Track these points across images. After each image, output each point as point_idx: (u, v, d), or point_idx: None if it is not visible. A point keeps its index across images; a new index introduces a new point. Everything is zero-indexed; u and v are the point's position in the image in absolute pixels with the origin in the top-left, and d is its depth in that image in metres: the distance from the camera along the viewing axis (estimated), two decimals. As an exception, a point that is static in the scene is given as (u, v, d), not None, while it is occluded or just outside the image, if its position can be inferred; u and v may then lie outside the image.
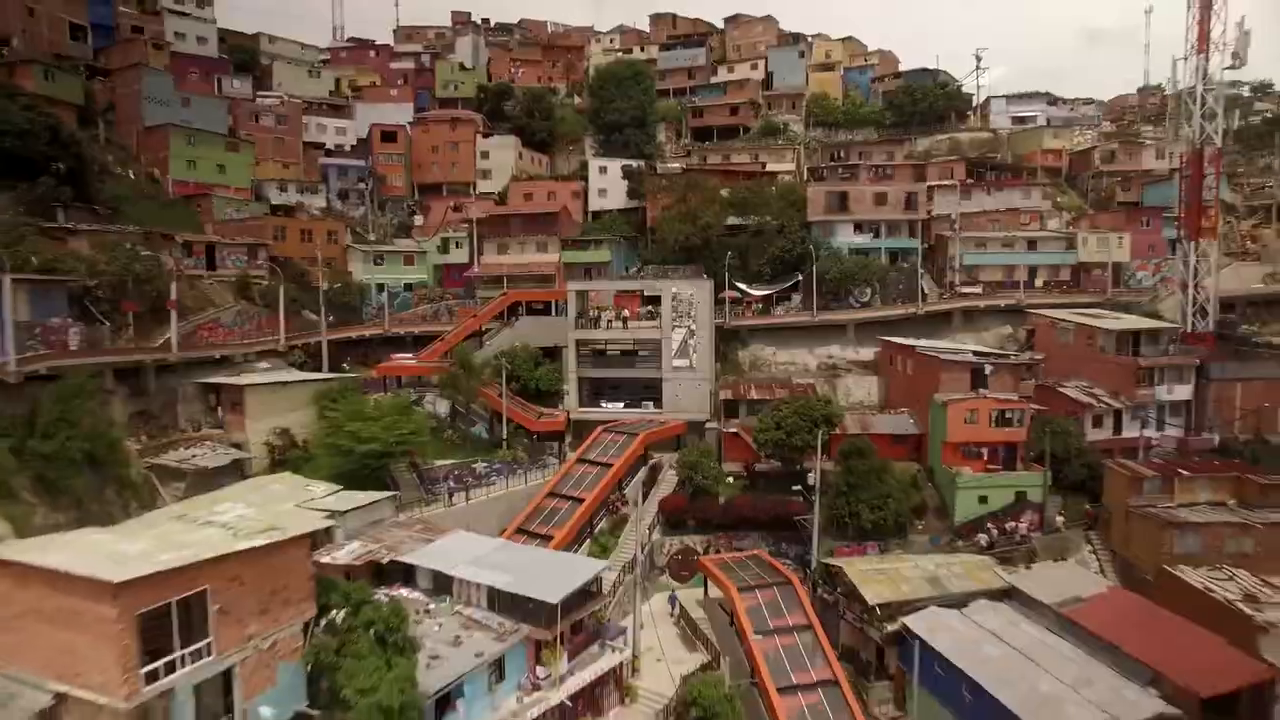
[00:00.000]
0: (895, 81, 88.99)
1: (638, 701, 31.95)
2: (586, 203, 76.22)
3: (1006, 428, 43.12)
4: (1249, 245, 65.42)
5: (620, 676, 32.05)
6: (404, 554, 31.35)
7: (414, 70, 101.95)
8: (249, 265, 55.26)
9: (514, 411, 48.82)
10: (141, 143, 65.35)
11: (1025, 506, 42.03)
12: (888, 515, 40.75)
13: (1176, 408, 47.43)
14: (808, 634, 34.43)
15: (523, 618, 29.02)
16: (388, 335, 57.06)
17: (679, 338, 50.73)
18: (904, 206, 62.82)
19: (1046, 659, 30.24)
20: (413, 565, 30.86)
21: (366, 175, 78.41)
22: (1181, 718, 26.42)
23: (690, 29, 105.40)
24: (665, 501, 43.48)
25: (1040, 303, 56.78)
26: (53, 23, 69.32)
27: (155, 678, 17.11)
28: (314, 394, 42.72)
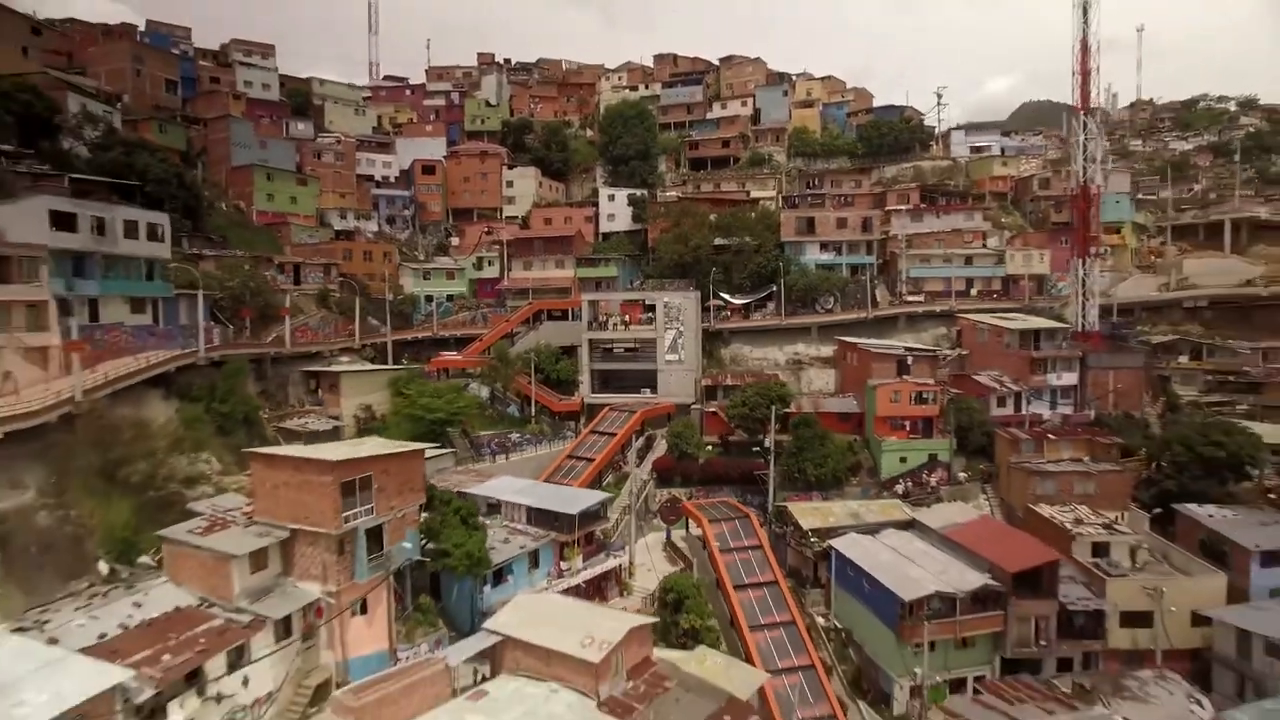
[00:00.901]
0: (867, 116, 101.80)
1: (632, 594, 44.49)
2: (597, 225, 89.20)
3: (923, 405, 55.45)
4: (1152, 260, 77.30)
5: (619, 576, 44.69)
6: (466, 487, 44.16)
7: (445, 106, 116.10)
8: (325, 280, 68.62)
9: (540, 396, 61.73)
10: (229, 180, 78.94)
11: (936, 465, 54.35)
12: (828, 471, 53.15)
13: (1067, 391, 59.56)
14: (758, 552, 46.83)
15: (550, 527, 41.73)
16: (436, 337, 70.09)
17: (670, 338, 63.47)
18: (861, 229, 75.42)
19: (922, 559, 42.48)
20: (472, 494, 43.63)
21: (410, 203, 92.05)
22: (998, 587, 38.68)
23: (690, 67, 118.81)
24: (658, 462, 56.17)
25: (968, 308, 69.02)
26: (153, 80, 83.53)
27: (347, 521, 29.90)
28: (388, 380, 55.65)
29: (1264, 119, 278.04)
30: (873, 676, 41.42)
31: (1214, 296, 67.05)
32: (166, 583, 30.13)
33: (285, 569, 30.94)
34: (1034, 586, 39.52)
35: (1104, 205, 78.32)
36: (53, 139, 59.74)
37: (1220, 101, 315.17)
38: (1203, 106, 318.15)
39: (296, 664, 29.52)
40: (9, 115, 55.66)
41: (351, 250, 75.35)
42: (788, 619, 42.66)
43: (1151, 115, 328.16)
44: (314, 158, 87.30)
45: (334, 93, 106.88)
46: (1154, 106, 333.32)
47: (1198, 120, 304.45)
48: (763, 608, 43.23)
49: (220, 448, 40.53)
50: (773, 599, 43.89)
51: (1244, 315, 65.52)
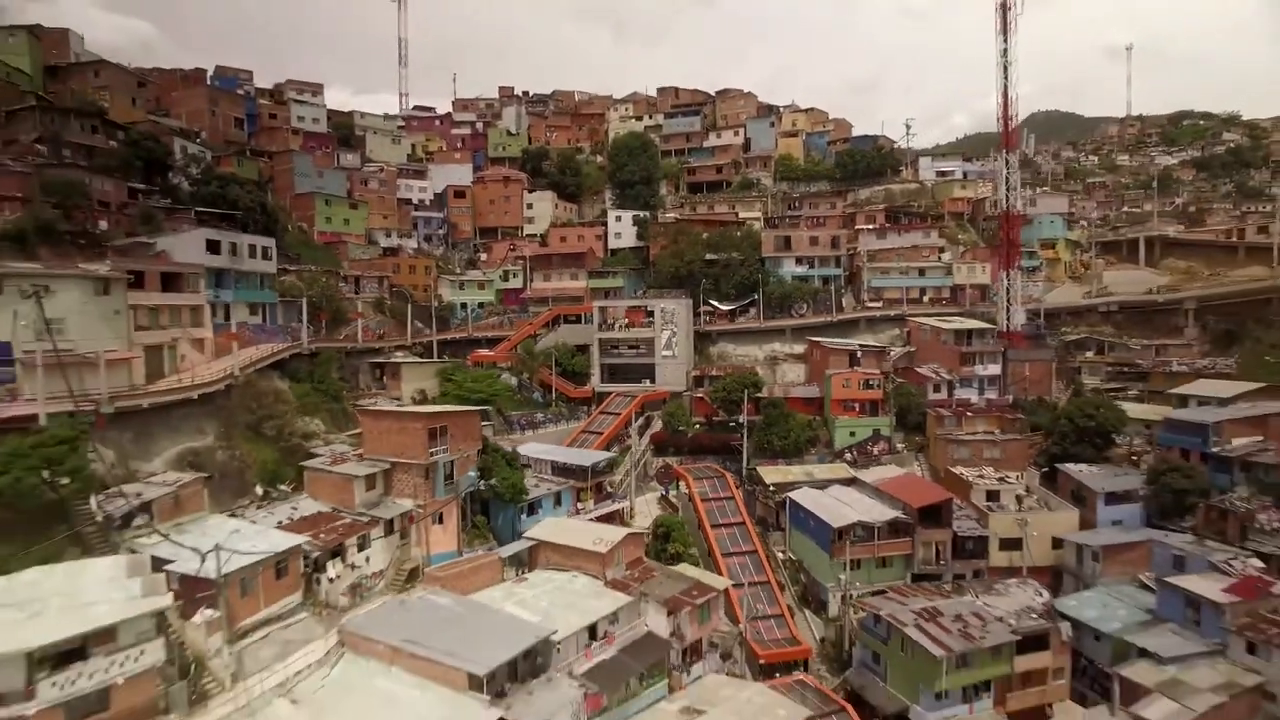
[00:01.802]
0: (845, 145, 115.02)
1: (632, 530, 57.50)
2: (606, 242, 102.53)
3: (869, 390, 68.38)
4: (1081, 271, 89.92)
5: (622, 517, 57.75)
6: (503, 447, 57.37)
7: (470, 135, 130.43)
8: (380, 290, 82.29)
9: (559, 384, 75.02)
10: (293, 204, 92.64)
11: (879, 438, 67.22)
12: (791, 443, 66.09)
13: (992, 379, 72.25)
14: (731, 502, 59.89)
15: (569, 478, 54.88)
16: (470, 337, 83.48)
17: (666, 337, 76.68)
18: (831, 246, 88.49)
19: (855, 503, 55.27)
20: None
21: (443, 223, 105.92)
22: (908, 520, 51.50)
23: (690, 99, 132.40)
24: (654, 436, 69.32)
25: (919, 313, 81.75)
26: (225, 118, 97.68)
27: (431, 456, 43.25)
28: (436, 370, 68.95)
29: (1245, 135, 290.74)
30: (815, 591, 54.23)
31: (1122, 302, 79.63)
32: (307, 498, 43.60)
33: (387, 490, 44.38)
34: (935, 519, 52.38)
35: (1041, 224, 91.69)
36: (165, 176, 73.94)
37: (1205, 119, 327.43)
38: (1188, 123, 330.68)
39: (396, 553, 42.83)
40: (139, 159, 69.85)
41: (399, 264, 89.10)
42: (751, 549, 55.77)
43: (1140, 131, 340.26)
44: (362, 184, 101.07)
45: (373, 124, 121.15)
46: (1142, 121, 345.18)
47: (1183, 136, 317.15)
48: (733, 541, 56.37)
49: (324, 415, 54.06)
50: (740, 535, 57.04)
51: (1146, 318, 78.10)
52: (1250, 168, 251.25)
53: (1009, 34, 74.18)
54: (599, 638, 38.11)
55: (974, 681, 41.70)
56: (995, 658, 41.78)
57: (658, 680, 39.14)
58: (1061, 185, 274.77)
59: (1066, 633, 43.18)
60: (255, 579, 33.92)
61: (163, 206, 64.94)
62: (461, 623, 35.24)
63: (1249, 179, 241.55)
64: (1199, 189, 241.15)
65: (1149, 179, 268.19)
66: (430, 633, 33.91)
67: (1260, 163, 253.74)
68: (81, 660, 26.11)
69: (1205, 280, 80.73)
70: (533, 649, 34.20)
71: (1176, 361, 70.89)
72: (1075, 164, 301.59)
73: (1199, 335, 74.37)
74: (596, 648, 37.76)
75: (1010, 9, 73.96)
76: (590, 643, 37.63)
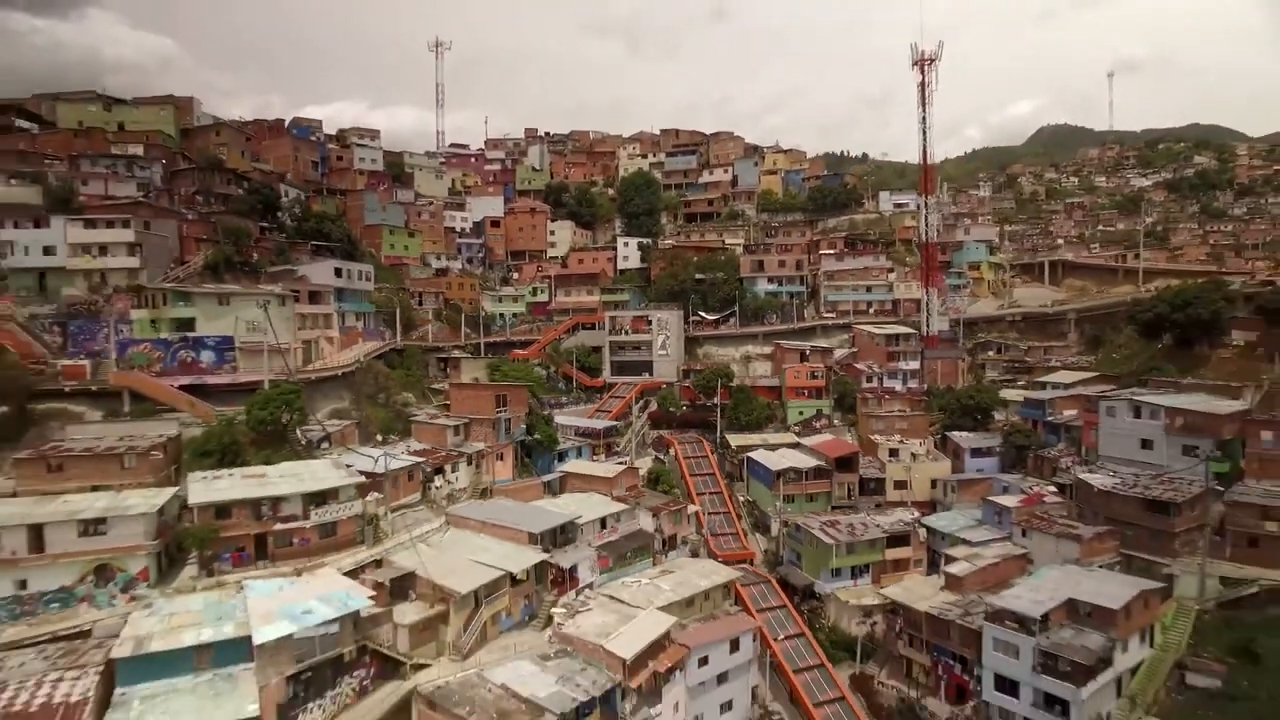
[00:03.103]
0: (817, 181, 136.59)
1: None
2: (616, 264, 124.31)
3: (814, 380, 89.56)
4: (1000, 288, 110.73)
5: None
6: (540, 418, 79.11)
7: (500, 170, 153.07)
8: (436, 303, 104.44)
9: (579, 376, 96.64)
10: (364, 233, 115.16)
11: (821, 416, 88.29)
12: (754, 419, 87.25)
13: (913, 373, 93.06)
14: (706, 460, 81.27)
15: (588, 438, 76.44)
16: (508, 340, 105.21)
17: (661, 340, 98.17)
18: (796, 268, 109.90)
19: (793, 457, 76.29)
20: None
21: (481, 248, 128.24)
22: (828, 467, 72.52)
23: (688, 139, 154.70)
24: (651, 415, 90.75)
25: (862, 321, 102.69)
26: (304, 161, 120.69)
27: (497, 413, 64.89)
28: (485, 364, 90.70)
29: (1214, 158, 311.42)
30: (762, 519, 75.27)
31: (1025, 313, 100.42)
32: (414, 441, 65.38)
33: (466, 436, 66.06)
34: (847, 467, 73.44)
35: (969, 249, 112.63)
36: (275, 215, 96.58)
37: (1178, 141, 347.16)
38: (1163, 146, 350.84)
39: (474, 477, 64.40)
40: (259, 203, 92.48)
41: (449, 282, 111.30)
42: (718, 491, 77.17)
43: (1119, 153, 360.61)
44: (416, 216, 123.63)
45: (420, 163, 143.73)
46: (1120, 147, 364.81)
47: (1158, 159, 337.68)
48: (705, 485, 77.75)
49: (413, 391, 76.03)
50: (711, 482, 78.42)
51: (1041, 325, 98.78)
52: (1216, 189, 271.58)
53: (926, 105, 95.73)
54: (606, 528, 59.43)
55: (858, 564, 62.68)
56: (872, 548, 62.78)
57: (645, 557, 60.37)
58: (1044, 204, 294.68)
59: (923, 535, 64.13)
60: (399, 479, 55.61)
61: (286, 240, 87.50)
62: (520, 511, 56.89)
63: (1214, 200, 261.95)
64: (1168, 209, 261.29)
65: (1124, 199, 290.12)
66: (501, 516, 55.57)
67: (1225, 185, 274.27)
68: (324, 504, 47.88)
69: (1090, 296, 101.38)
70: (565, 525, 55.68)
71: (1055, 359, 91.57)
72: (1056, 185, 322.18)
73: (1077, 339, 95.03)
74: (605, 533, 59.07)
75: (928, 87, 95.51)
76: (601, 529, 58.96)
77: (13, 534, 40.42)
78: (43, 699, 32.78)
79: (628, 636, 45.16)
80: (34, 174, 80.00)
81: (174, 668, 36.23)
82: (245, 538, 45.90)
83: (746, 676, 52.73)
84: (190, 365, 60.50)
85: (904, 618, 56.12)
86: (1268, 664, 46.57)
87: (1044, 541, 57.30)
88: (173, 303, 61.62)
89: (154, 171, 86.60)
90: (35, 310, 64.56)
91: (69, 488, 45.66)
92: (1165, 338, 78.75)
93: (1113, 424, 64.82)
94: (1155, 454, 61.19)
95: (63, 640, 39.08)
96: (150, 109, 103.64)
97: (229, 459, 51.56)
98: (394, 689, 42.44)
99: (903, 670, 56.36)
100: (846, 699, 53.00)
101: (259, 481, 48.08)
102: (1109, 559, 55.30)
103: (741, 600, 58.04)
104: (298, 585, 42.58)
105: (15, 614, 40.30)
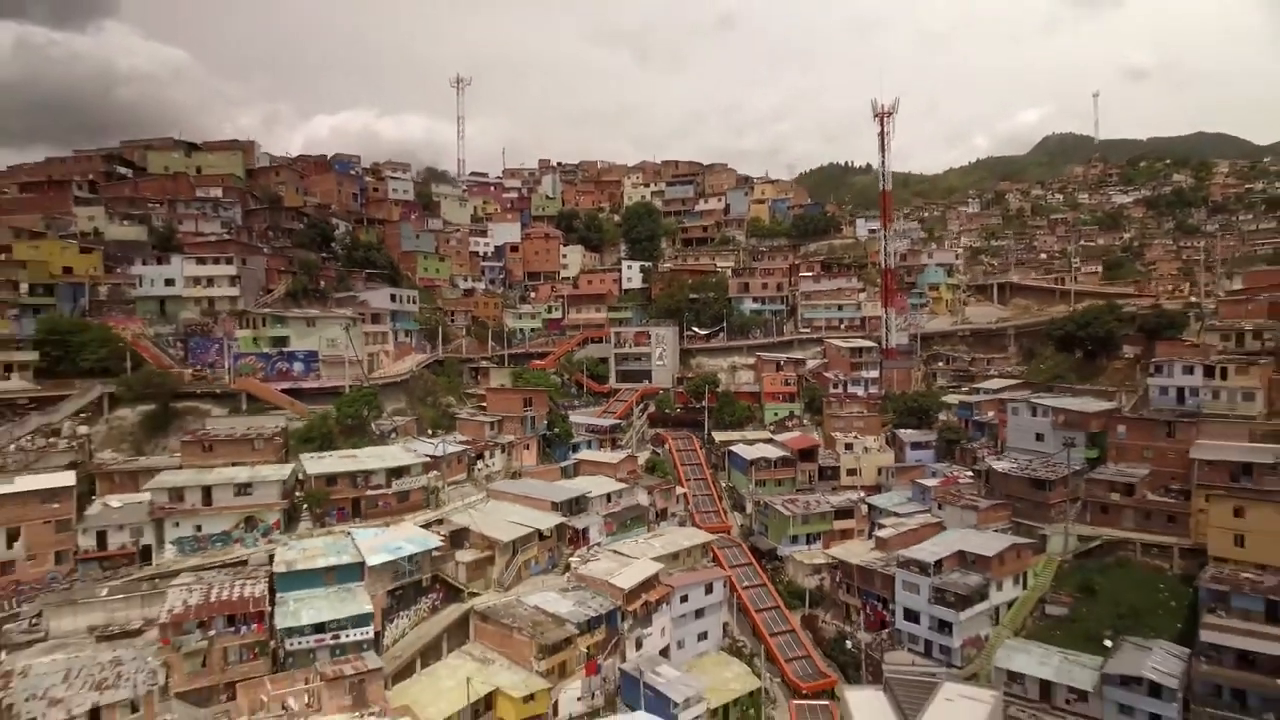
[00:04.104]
0: (801, 209, 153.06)
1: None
2: (620, 284, 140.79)
3: (787, 385, 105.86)
4: (957, 306, 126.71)
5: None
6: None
7: (517, 198, 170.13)
8: (466, 319, 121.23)
9: (589, 383, 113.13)
10: (401, 259, 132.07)
11: (793, 416, 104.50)
12: (736, 419, 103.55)
13: (873, 380, 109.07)
14: (694, 453, 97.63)
15: (597, 433, 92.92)
16: (527, 352, 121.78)
17: (659, 352, 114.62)
18: (776, 289, 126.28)
19: (765, 451, 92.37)
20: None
21: (502, 270, 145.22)
22: (792, 457, 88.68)
23: (687, 170, 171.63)
24: (649, 416, 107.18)
25: (833, 336, 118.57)
26: (346, 194, 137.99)
27: (524, 411, 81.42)
28: (510, 372, 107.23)
29: (1191, 176, 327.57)
30: (739, 500, 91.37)
31: (973, 329, 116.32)
32: (458, 434, 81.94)
33: (499, 430, 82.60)
34: (809, 457, 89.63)
35: (929, 272, 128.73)
36: (329, 246, 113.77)
37: (1159, 160, 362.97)
38: (1144, 164, 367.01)
39: (506, 462, 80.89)
40: (317, 235, 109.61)
41: (476, 302, 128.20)
42: (703, 478, 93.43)
43: (1102, 171, 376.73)
44: (445, 242, 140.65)
45: (445, 192, 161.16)
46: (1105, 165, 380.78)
47: (1139, 176, 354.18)
48: (693, 472, 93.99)
49: (453, 394, 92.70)
50: (698, 471, 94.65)
51: (987, 340, 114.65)
52: (1191, 207, 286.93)
53: (885, 152, 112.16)
54: (611, 501, 75.70)
55: (811, 532, 78.76)
56: (822, 520, 78.90)
57: (641, 525, 76.57)
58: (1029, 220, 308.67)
59: (865, 510, 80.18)
60: (451, 462, 72.16)
61: (343, 269, 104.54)
62: (543, 487, 73.36)
63: (1189, 217, 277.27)
64: (1145, 225, 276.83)
65: (1104, 216, 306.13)
66: (530, 490, 72.06)
67: (1200, 202, 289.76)
68: (400, 477, 64.52)
69: (1030, 314, 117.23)
70: (579, 498, 72.04)
71: (994, 369, 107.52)
72: (1043, 201, 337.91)
73: (1016, 351, 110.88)
74: (610, 505, 75.31)
75: (887, 136, 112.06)
76: (607, 502, 75.21)
77: (192, 493, 57.26)
78: (236, 594, 49.44)
79: (626, 574, 61.47)
80: (140, 215, 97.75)
81: (311, 582, 52.79)
82: (345, 500, 62.59)
83: (719, 614, 68.80)
84: (285, 374, 77.33)
85: (843, 571, 72.07)
86: (1101, 597, 62.48)
87: (953, 512, 73.31)
88: (270, 324, 78.52)
89: (234, 212, 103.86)
90: (159, 330, 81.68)
91: (217, 462, 62.46)
92: (1077, 351, 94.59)
93: (1017, 421, 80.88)
94: (1045, 445, 77.09)
95: (227, 568, 55.74)
96: (222, 154, 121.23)
97: (325, 444, 68.31)
98: (456, 608, 58.88)
99: (842, 613, 72.25)
100: (796, 632, 69.02)
101: (353, 460, 64.84)
102: (1002, 525, 71.25)
103: (717, 559, 74.21)
104: (388, 531, 59.21)
105: (194, 548, 57.06)
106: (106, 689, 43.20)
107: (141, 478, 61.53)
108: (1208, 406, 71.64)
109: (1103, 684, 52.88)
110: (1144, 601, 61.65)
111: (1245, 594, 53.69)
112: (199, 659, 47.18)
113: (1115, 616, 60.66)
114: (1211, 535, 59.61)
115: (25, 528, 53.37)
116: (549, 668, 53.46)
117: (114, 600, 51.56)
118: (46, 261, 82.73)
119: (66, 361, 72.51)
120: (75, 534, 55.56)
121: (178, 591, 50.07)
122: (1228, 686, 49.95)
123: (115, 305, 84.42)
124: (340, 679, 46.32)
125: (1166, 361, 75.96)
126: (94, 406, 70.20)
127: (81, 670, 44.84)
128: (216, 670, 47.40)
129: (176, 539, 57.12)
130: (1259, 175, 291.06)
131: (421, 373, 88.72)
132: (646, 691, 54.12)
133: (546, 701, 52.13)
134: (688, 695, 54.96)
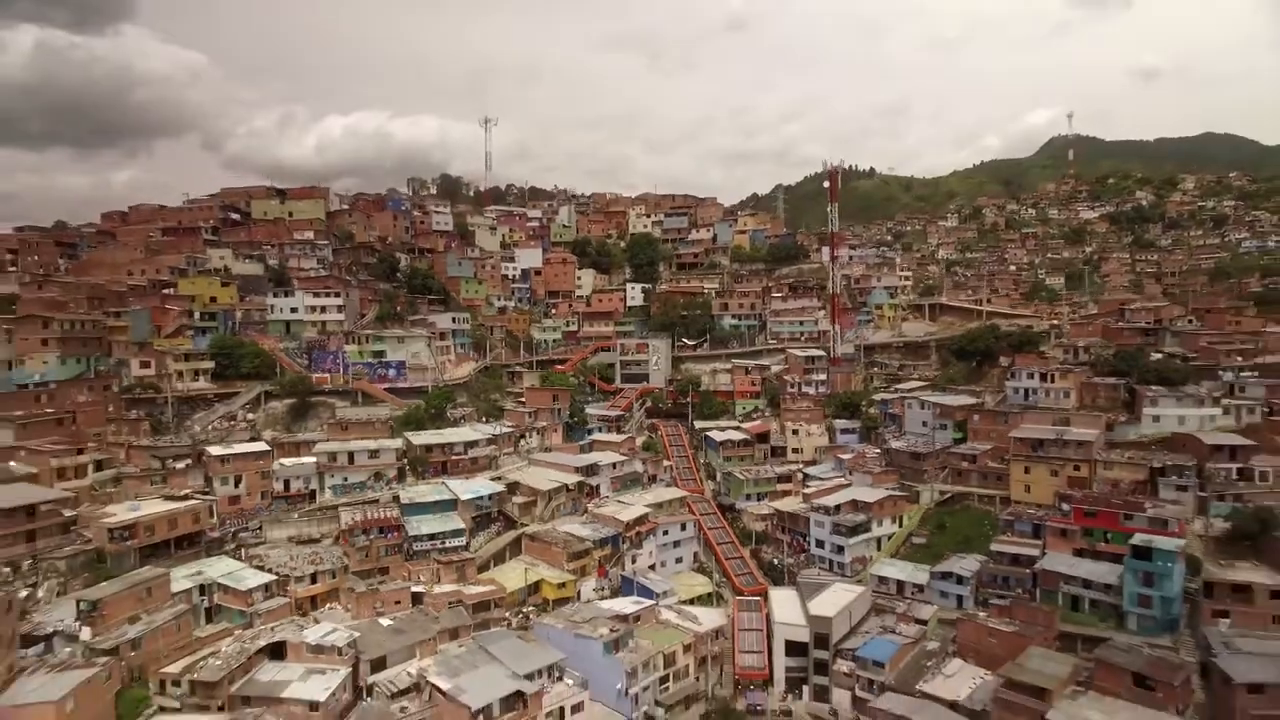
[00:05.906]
0: (776, 238, 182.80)
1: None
2: (625, 302, 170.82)
3: (753, 385, 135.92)
4: (897, 322, 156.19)
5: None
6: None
7: (538, 226, 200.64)
8: (501, 334, 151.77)
9: (600, 383, 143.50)
10: (446, 282, 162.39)
11: (758, 410, 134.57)
12: (713, 413, 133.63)
13: (823, 382, 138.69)
14: (680, 438, 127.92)
15: (606, 421, 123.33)
16: (550, 359, 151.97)
17: (655, 359, 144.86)
18: (750, 308, 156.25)
19: (732, 435, 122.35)
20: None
21: (528, 290, 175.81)
22: (750, 439, 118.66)
23: (683, 203, 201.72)
24: (647, 409, 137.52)
25: (794, 347, 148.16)
26: (399, 227, 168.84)
27: (552, 404, 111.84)
28: (538, 376, 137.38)
29: (1152, 193, 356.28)
30: (712, 472, 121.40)
31: (906, 341, 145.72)
32: (505, 421, 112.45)
33: (535, 417, 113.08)
34: (764, 439, 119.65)
35: (877, 294, 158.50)
36: (395, 275, 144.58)
37: (1124, 178, 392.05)
38: (1112, 181, 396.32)
39: (540, 441, 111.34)
40: (387, 268, 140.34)
41: (509, 318, 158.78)
42: (686, 455, 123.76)
43: (1074, 187, 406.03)
44: (481, 267, 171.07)
45: (478, 221, 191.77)
46: (1075, 181, 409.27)
47: (1106, 193, 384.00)
48: (678, 451, 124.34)
49: (499, 392, 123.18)
50: (682, 450, 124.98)
51: (916, 350, 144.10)
52: (1149, 222, 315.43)
53: (834, 204, 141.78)
54: (615, 468, 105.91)
55: (760, 492, 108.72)
56: (769, 484, 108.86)
57: (637, 485, 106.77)
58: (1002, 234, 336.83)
59: (800, 477, 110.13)
60: (504, 440, 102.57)
61: (409, 296, 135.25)
62: (568, 458, 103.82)
63: (1146, 232, 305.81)
64: (1106, 240, 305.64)
65: (1070, 231, 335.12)
66: (559, 459, 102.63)
67: (1157, 218, 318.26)
68: (473, 447, 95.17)
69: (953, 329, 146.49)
70: (593, 465, 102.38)
71: (918, 374, 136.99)
72: (1016, 216, 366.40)
73: (937, 360, 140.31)
74: (615, 471, 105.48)
75: (836, 188, 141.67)
76: (613, 469, 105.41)
77: (342, 456, 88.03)
78: (378, 516, 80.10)
79: (626, 513, 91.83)
80: (257, 255, 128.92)
81: (424, 510, 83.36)
82: (438, 462, 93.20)
83: (691, 546, 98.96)
84: (384, 377, 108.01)
85: (780, 518, 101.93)
86: (949, 531, 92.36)
87: (859, 477, 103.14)
88: (371, 341, 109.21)
89: (326, 251, 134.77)
90: (287, 345, 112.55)
91: (350, 438, 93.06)
92: (971, 361, 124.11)
93: (911, 413, 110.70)
94: (928, 430, 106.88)
95: (365, 504, 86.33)
96: (307, 200, 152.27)
97: (418, 426, 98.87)
98: (513, 534, 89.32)
99: (779, 548, 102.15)
100: (744, 559, 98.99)
101: (440, 436, 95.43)
102: (891, 485, 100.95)
103: (691, 510, 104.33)
104: (467, 482, 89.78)
105: (342, 492, 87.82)
106: (319, 564, 73.98)
107: (302, 448, 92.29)
108: (1041, 402, 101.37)
109: (931, 579, 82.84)
110: (975, 533, 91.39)
111: (1022, 521, 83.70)
112: (364, 552, 77.83)
113: (956, 543, 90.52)
114: (1013, 486, 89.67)
115: (245, 475, 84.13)
116: (574, 568, 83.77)
117: (302, 521, 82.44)
118: (201, 294, 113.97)
119: (231, 368, 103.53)
120: (271, 481, 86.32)
121: (348, 512, 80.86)
122: (1000, 576, 79.77)
123: (250, 326, 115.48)
124: (450, 563, 77.01)
125: (1018, 369, 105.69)
126: (255, 400, 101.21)
127: (299, 555, 75.67)
128: (374, 559, 78.08)
129: (332, 485, 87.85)
130: (1224, 191, 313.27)
131: (475, 376, 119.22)
132: (639, 584, 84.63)
133: (573, 589, 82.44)
134: (665, 589, 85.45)
